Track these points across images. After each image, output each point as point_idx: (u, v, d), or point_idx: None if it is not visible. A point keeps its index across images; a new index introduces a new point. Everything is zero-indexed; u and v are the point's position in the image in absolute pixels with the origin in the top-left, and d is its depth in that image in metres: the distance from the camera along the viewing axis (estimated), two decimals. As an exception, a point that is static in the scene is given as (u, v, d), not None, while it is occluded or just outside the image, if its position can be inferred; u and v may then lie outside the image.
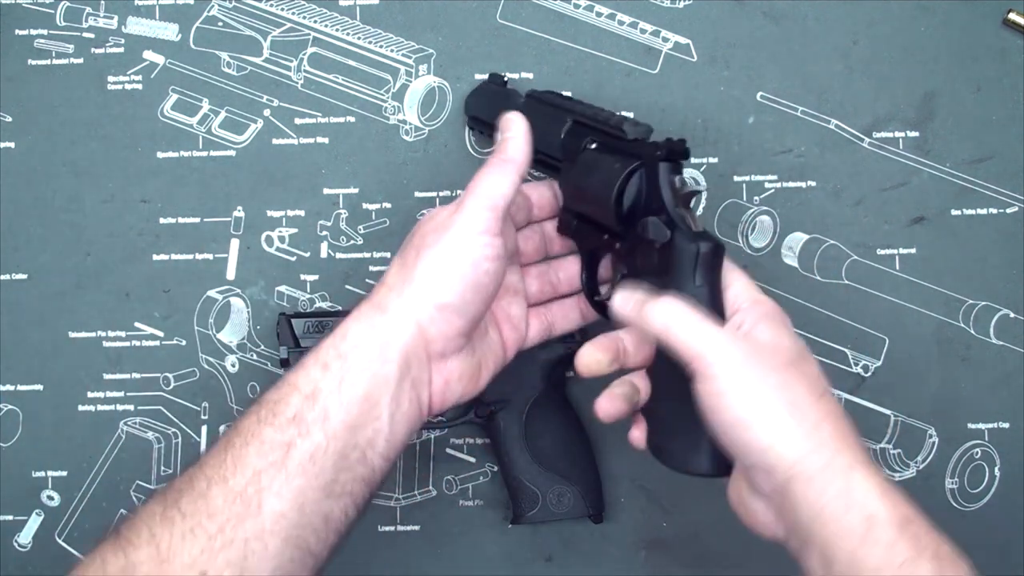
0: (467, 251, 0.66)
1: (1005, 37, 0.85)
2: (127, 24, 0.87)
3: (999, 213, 0.85)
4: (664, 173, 0.68)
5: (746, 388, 0.61)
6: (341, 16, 0.87)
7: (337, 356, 0.65)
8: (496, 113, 0.75)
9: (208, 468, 0.62)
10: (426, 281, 0.66)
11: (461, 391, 0.69)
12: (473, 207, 0.67)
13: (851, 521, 0.58)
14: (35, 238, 0.86)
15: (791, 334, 0.65)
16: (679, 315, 0.63)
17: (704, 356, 0.62)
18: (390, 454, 0.65)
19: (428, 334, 0.66)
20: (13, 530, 0.85)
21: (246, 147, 0.87)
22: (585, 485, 0.81)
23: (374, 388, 0.64)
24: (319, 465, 0.62)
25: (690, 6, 0.86)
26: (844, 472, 0.59)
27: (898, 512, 0.58)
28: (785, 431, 0.60)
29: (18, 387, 0.86)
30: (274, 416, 0.63)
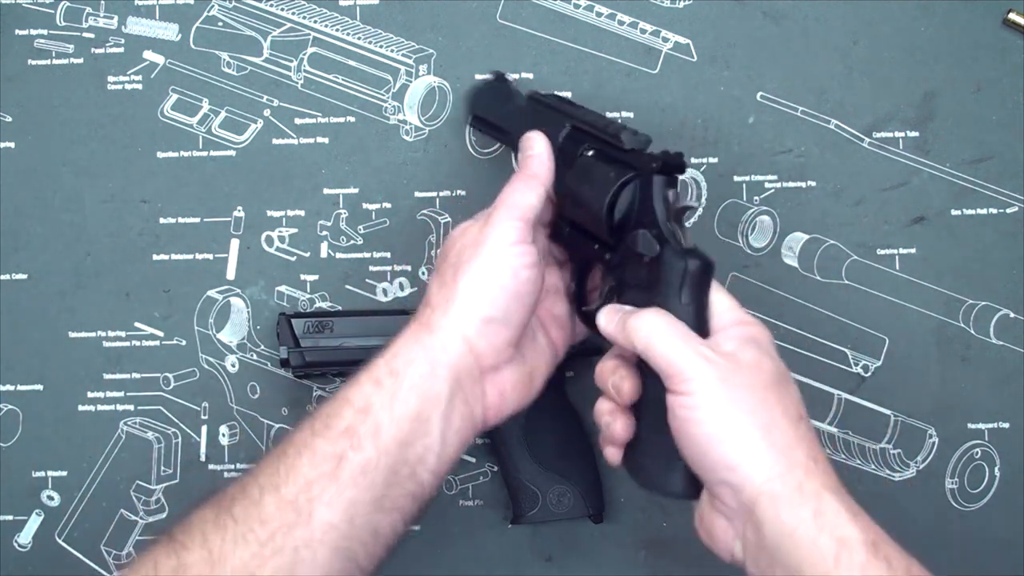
0: (504, 262, 0.67)
1: (1005, 37, 0.85)
2: (127, 24, 0.87)
3: (999, 213, 0.85)
4: (658, 186, 0.67)
5: (720, 405, 0.61)
6: (341, 16, 0.87)
7: (389, 373, 0.66)
8: (498, 112, 0.75)
9: (262, 476, 0.63)
10: (469, 297, 0.67)
11: (517, 400, 0.70)
12: (503, 220, 0.69)
13: (823, 543, 0.58)
14: (35, 238, 0.86)
15: (774, 357, 0.65)
16: (661, 329, 0.63)
17: (682, 371, 0.62)
18: (441, 471, 0.66)
19: (477, 348, 0.67)
20: (13, 530, 0.85)
21: (246, 147, 0.87)
22: (585, 485, 0.81)
23: (425, 405, 0.65)
24: (370, 478, 0.63)
25: (690, 6, 0.86)
26: (815, 495, 0.59)
27: (868, 535, 0.59)
28: (756, 451, 0.60)
29: (18, 387, 0.86)
30: (327, 428, 0.64)
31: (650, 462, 0.66)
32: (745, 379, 0.62)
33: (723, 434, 0.61)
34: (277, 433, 0.85)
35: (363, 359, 0.81)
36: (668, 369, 0.62)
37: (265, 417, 0.85)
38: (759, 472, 0.60)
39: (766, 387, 0.62)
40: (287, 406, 0.85)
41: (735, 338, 0.64)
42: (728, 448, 0.61)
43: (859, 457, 0.84)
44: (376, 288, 0.86)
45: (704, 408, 0.61)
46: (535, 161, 0.72)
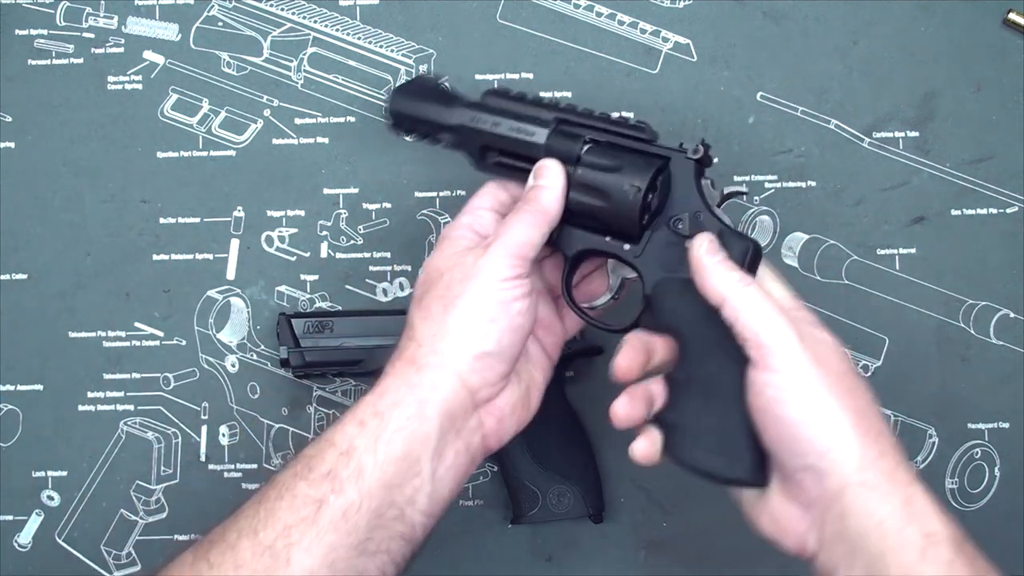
0: (498, 297, 0.64)
1: (1005, 37, 0.85)
2: (127, 24, 0.87)
3: (999, 213, 0.85)
4: (697, 172, 0.68)
5: (811, 387, 0.60)
6: (341, 16, 0.87)
7: (374, 414, 0.63)
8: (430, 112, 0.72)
9: (241, 520, 0.62)
10: (461, 332, 0.64)
11: (516, 422, 0.68)
12: (500, 254, 0.65)
13: (910, 536, 0.57)
14: (35, 238, 0.86)
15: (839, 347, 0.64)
16: (754, 299, 0.62)
17: (772, 345, 0.60)
18: (433, 511, 0.64)
19: (471, 384, 0.65)
20: (13, 530, 0.85)
21: (246, 147, 0.87)
22: (585, 485, 0.81)
23: (413, 446, 0.63)
24: (352, 522, 0.61)
25: (690, 6, 0.86)
26: (906, 484, 0.58)
27: (954, 532, 0.58)
28: (848, 436, 0.59)
29: (18, 387, 0.86)
30: (309, 471, 0.62)
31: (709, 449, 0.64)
32: (837, 361, 0.61)
33: (814, 417, 0.59)
34: (277, 433, 0.85)
35: (363, 359, 0.82)
36: (756, 340, 0.61)
37: (265, 417, 0.85)
38: (851, 459, 0.59)
39: (852, 371, 0.61)
40: (287, 406, 0.85)
41: (804, 321, 0.63)
42: (818, 432, 0.59)
43: (859, 457, 0.84)
44: (376, 288, 0.86)
45: (794, 389, 0.60)
46: (545, 195, 0.67)
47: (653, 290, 0.67)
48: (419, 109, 0.74)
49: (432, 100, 0.74)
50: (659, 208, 0.68)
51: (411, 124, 0.74)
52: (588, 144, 0.70)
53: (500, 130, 0.71)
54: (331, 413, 0.85)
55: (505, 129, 0.71)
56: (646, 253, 0.68)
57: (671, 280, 0.67)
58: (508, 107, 0.72)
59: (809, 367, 0.60)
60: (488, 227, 0.69)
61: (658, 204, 0.68)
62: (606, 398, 0.73)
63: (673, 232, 0.67)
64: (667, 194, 0.68)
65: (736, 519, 0.84)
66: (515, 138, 0.71)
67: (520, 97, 0.73)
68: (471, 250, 0.67)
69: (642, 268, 0.68)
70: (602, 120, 0.71)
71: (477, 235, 0.68)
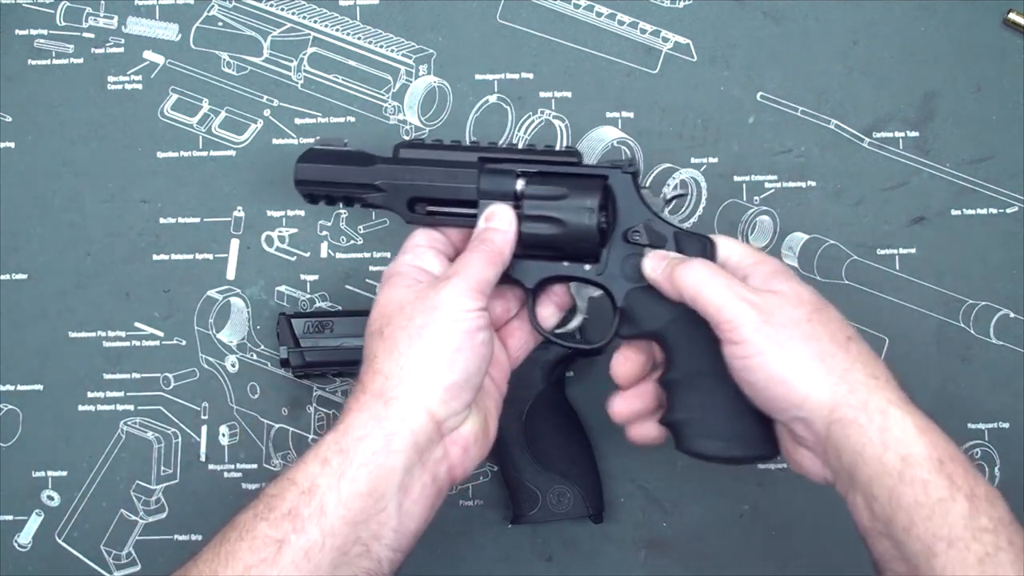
0: (463, 327, 0.65)
1: (1005, 37, 0.85)
2: (127, 24, 0.87)
3: (999, 213, 0.85)
4: (636, 185, 0.70)
5: (774, 345, 0.63)
6: (341, 16, 0.87)
7: (338, 451, 0.63)
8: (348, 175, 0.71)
9: (201, 562, 0.62)
10: (429, 364, 0.64)
11: (479, 452, 0.68)
12: (461, 286, 0.66)
13: (889, 460, 0.60)
14: (35, 238, 0.86)
15: (804, 283, 0.67)
16: (708, 277, 0.65)
17: (731, 319, 0.64)
18: (400, 545, 0.64)
19: (438, 416, 0.65)
20: (13, 530, 0.85)
21: (246, 147, 0.87)
22: (585, 485, 0.81)
23: (378, 481, 0.62)
24: (314, 562, 0.61)
25: (690, 6, 0.86)
26: (881, 411, 0.62)
27: (935, 451, 0.60)
28: (816, 381, 0.63)
29: (18, 387, 0.86)
30: (269, 511, 0.62)
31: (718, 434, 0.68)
32: (788, 314, 0.64)
33: (781, 374, 0.63)
34: (277, 433, 0.85)
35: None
36: (717, 316, 0.64)
37: (265, 417, 0.85)
38: (824, 401, 0.62)
39: (809, 317, 0.64)
40: (287, 406, 0.85)
41: (762, 275, 0.67)
42: (789, 387, 0.63)
43: (859, 457, 0.84)
44: (376, 288, 0.86)
45: (757, 354, 0.63)
46: (500, 237, 0.69)
47: (625, 302, 0.69)
48: (334, 175, 0.73)
49: (345, 162, 0.73)
50: (610, 224, 0.70)
51: (327, 191, 0.73)
52: (521, 177, 0.70)
53: (427, 181, 0.71)
54: (331, 413, 0.85)
55: (432, 179, 0.71)
56: (608, 270, 0.70)
57: (639, 289, 0.69)
58: (428, 156, 0.72)
59: (763, 330, 0.63)
60: (431, 265, 0.70)
61: (610, 221, 0.70)
62: (606, 398, 0.73)
63: (631, 244, 0.70)
64: (615, 210, 0.70)
65: (736, 519, 0.84)
66: (444, 186, 0.71)
67: (436, 144, 0.73)
68: (428, 284, 0.67)
69: (608, 284, 0.70)
70: (527, 152, 0.71)
71: (423, 271, 0.69)
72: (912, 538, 0.59)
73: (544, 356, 0.81)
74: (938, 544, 0.59)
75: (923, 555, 0.59)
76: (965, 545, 0.58)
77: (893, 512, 0.60)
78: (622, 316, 0.70)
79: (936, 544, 0.59)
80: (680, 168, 0.85)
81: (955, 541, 0.58)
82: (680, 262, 0.67)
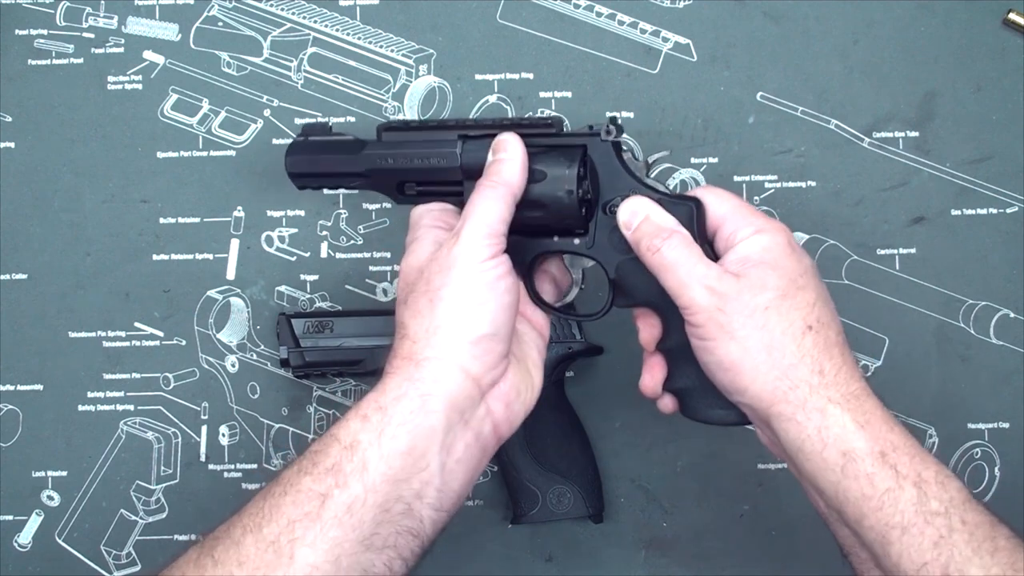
0: (481, 280, 0.64)
1: (1005, 37, 0.85)
2: (127, 24, 0.87)
3: (999, 213, 0.85)
4: (617, 152, 0.69)
5: (723, 334, 0.64)
6: (341, 16, 0.87)
7: (377, 408, 0.63)
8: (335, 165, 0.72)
9: (246, 516, 0.62)
10: (452, 323, 0.64)
11: (524, 404, 0.68)
12: (472, 237, 0.65)
13: (829, 456, 0.62)
14: (35, 238, 0.86)
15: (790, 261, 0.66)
16: (677, 259, 0.65)
17: (690, 303, 0.65)
18: (444, 505, 0.64)
19: (473, 372, 0.64)
20: (13, 530, 0.85)
21: (246, 147, 0.87)
22: (585, 485, 0.81)
23: (418, 440, 0.62)
24: (357, 517, 0.61)
25: (690, 6, 0.86)
26: (819, 409, 0.62)
27: (876, 444, 0.62)
28: (758, 374, 0.63)
29: (18, 387, 0.86)
30: (313, 466, 0.62)
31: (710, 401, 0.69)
32: (745, 302, 0.64)
33: (727, 361, 0.64)
34: (277, 433, 0.85)
35: (363, 359, 0.82)
36: (678, 300, 0.65)
37: (265, 417, 0.85)
38: (763, 395, 0.64)
39: (767, 307, 0.64)
40: (287, 406, 0.85)
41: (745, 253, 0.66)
42: (733, 375, 0.64)
43: (859, 457, 0.84)
44: (376, 288, 0.86)
45: (709, 338, 0.64)
46: (506, 167, 0.67)
47: (616, 273, 0.69)
48: (322, 165, 0.73)
49: (332, 152, 0.73)
50: (595, 195, 0.69)
51: (318, 181, 0.74)
52: None
53: (413, 163, 0.71)
54: (331, 413, 0.85)
55: (416, 160, 0.71)
56: (597, 241, 0.69)
57: (630, 260, 0.68)
58: (411, 138, 0.72)
59: (718, 317, 0.64)
60: (449, 218, 0.69)
61: (592, 192, 0.69)
62: (606, 398, 0.74)
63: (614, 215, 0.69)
64: (596, 180, 0.69)
65: (736, 519, 0.84)
66: (429, 167, 0.71)
67: (420, 124, 0.73)
68: (443, 243, 0.67)
69: (599, 256, 0.70)
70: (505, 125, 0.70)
71: (442, 229, 0.68)
72: (865, 528, 0.61)
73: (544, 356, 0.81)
74: (891, 532, 0.60)
75: (878, 543, 0.61)
76: (919, 531, 0.60)
77: (841, 505, 0.62)
78: (615, 287, 0.70)
79: (889, 533, 0.60)
80: (680, 168, 0.85)
81: (908, 528, 0.60)
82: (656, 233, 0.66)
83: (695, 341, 0.66)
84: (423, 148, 0.71)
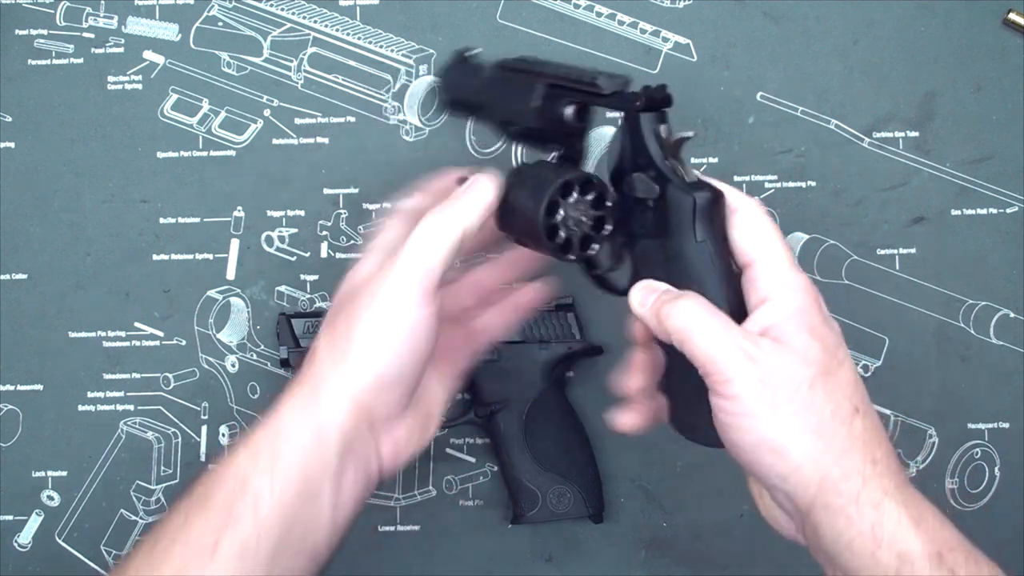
0: (402, 317, 0.60)
1: (1005, 37, 0.85)
2: (127, 24, 0.87)
3: (999, 213, 0.85)
4: (647, 124, 0.62)
5: (766, 410, 0.56)
6: (341, 16, 0.87)
7: (268, 443, 0.60)
8: (471, 89, 0.68)
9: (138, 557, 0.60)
10: (361, 356, 0.61)
11: (412, 449, 0.65)
12: (407, 269, 0.61)
13: (882, 558, 0.55)
14: (35, 238, 0.86)
15: (825, 330, 0.59)
16: (699, 319, 0.58)
17: (723, 371, 0.57)
18: (334, 540, 0.61)
19: (369, 409, 0.61)
20: (13, 530, 0.85)
21: (246, 147, 0.87)
22: (585, 485, 0.81)
23: (310, 476, 0.60)
24: (251, 556, 0.58)
25: (690, 6, 0.86)
26: (874, 504, 0.56)
27: (933, 545, 0.55)
28: (806, 460, 0.56)
29: (18, 387, 0.86)
30: (202, 509, 0.59)
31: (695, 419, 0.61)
32: (790, 376, 0.57)
33: (771, 441, 0.56)
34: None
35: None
36: (707, 367, 0.57)
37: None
38: (810, 483, 0.56)
39: (813, 382, 0.57)
40: (287, 406, 0.85)
41: (781, 313, 0.58)
42: (777, 457, 0.56)
43: (859, 457, 0.84)
44: (376, 288, 0.86)
45: (748, 415, 0.56)
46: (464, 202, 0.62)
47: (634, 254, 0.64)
48: (481, 97, 0.69)
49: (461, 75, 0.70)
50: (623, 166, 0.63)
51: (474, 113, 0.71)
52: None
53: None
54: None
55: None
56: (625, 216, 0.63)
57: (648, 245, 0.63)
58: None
59: (759, 391, 0.56)
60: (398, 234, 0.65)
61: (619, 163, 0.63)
62: (606, 398, 0.73)
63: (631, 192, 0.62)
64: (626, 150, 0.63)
65: (736, 519, 0.84)
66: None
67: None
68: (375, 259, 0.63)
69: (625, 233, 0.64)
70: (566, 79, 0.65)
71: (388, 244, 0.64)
72: None
73: (544, 356, 0.81)
74: None
75: None
76: None
77: None
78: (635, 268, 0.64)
79: None
80: (680, 168, 0.85)
81: None
82: (667, 301, 0.59)
83: (726, 417, 0.57)
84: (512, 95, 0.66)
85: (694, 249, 0.60)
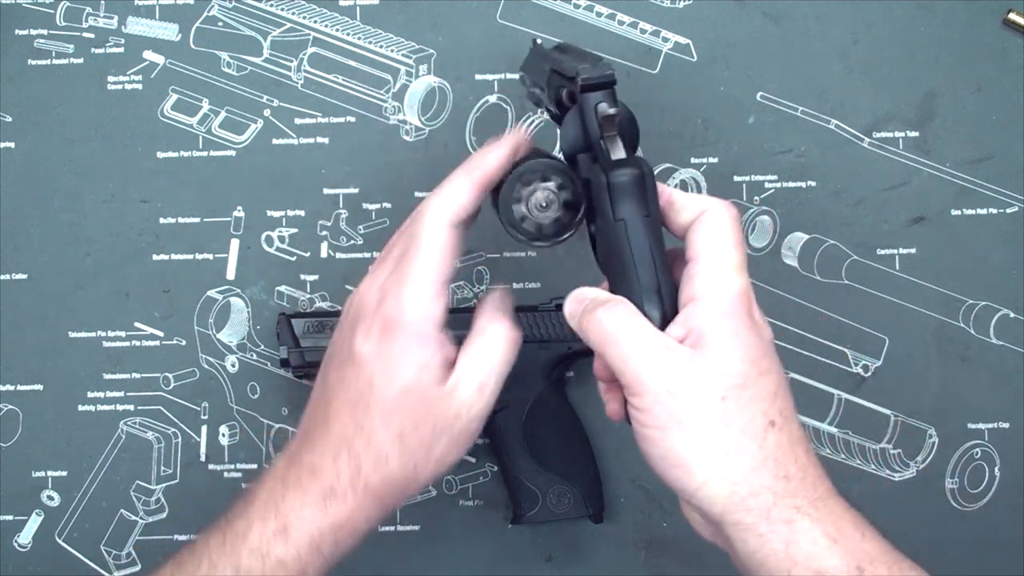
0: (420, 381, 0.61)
1: (1005, 37, 0.85)
2: (127, 24, 0.87)
3: (999, 213, 0.85)
4: (589, 104, 0.61)
5: (674, 424, 0.55)
6: (341, 16, 0.87)
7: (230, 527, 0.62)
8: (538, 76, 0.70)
9: None
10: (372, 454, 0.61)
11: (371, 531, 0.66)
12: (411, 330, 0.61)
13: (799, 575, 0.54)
14: (35, 238, 0.86)
15: (751, 337, 0.56)
16: (615, 330, 0.57)
17: (633, 385, 0.56)
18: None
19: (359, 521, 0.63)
20: (13, 530, 0.85)
21: (246, 147, 0.87)
22: (585, 485, 0.81)
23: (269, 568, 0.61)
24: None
25: (690, 6, 0.86)
26: (786, 521, 0.54)
27: (852, 560, 0.54)
28: (715, 475, 0.55)
29: (18, 387, 0.86)
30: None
31: None
32: (703, 389, 0.55)
33: (675, 458, 0.55)
34: (277, 433, 0.85)
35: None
36: (622, 379, 0.56)
37: (265, 417, 0.85)
38: (717, 500, 0.55)
39: (727, 394, 0.55)
40: (287, 406, 0.85)
41: (706, 317, 0.56)
42: (683, 472, 0.55)
43: (859, 457, 0.84)
44: (376, 288, 0.86)
45: (656, 427, 0.55)
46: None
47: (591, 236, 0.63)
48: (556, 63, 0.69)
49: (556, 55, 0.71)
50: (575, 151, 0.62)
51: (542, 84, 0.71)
52: None
53: None
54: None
55: None
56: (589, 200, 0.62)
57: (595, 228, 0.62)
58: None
59: (668, 403, 0.55)
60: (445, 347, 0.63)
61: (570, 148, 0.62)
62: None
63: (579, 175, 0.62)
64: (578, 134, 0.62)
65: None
66: None
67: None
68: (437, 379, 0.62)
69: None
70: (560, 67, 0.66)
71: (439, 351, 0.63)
72: None
73: (544, 356, 0.81)
74: None
75: None
76: None
77: None
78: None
79: None
80: (680, 168, 0.85)
81: None
82: (591, 308, 0.58)
83: (638, 427, 0.56)
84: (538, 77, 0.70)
85: (612, 229, 0.59)
